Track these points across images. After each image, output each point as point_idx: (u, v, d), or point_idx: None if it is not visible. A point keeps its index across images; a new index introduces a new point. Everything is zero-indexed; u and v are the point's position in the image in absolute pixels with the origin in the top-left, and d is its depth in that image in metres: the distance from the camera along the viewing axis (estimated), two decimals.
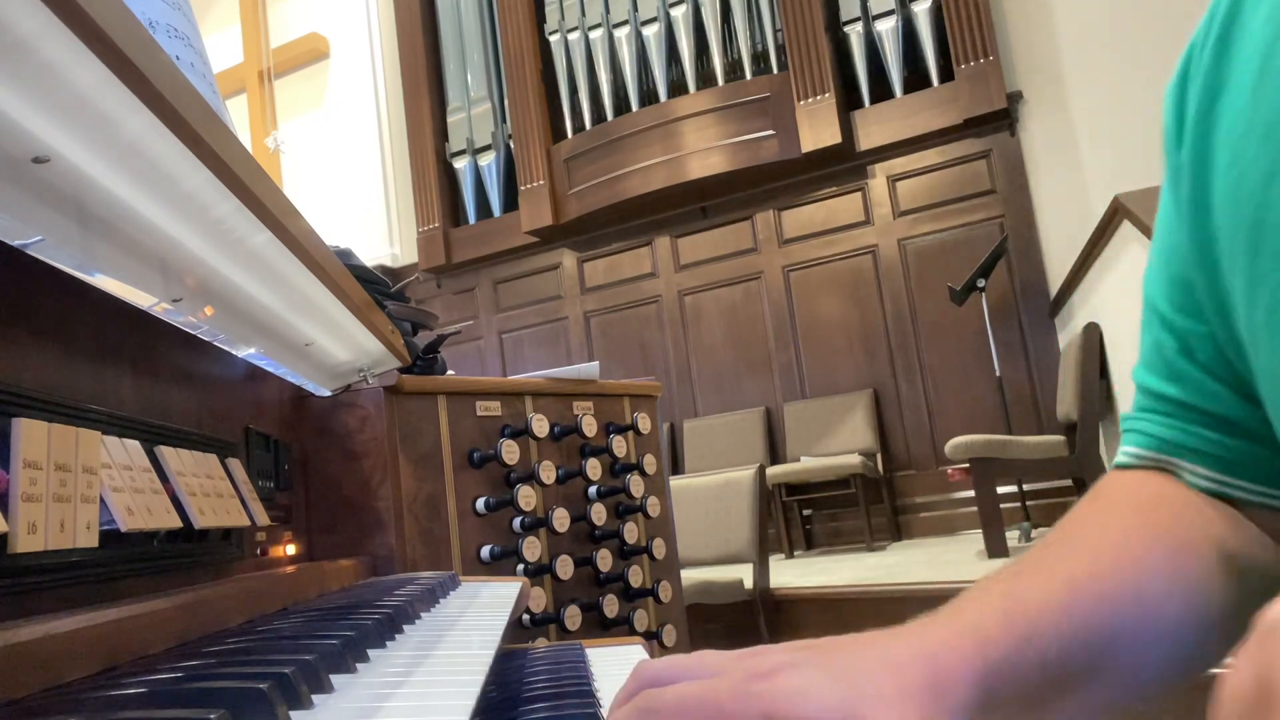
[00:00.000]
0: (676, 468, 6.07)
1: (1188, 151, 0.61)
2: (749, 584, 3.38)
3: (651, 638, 1.63)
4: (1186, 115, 0.63)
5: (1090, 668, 0.51)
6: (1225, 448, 0.64)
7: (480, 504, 1.42)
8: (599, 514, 1.59)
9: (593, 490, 1.60)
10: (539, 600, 1.46)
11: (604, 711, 0.57)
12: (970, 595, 0.51)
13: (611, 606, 1.58)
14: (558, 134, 6.68)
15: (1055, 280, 5.34)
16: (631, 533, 1.65)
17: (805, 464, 5.47)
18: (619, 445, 1.66)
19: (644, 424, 1.73)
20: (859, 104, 5.87)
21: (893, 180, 5.90)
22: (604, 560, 1.57)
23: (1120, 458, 0.69)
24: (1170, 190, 0.65)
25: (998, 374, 5.18)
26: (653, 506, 1.69)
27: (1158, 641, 0.54)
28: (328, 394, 1.27)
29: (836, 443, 5.69)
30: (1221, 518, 0.62)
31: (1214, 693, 0.33)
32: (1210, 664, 0.56)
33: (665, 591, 1.68)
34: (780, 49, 6.02)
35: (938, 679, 0.45)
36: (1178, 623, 0.55)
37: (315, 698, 0.43)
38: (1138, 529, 0.60)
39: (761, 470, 3.46)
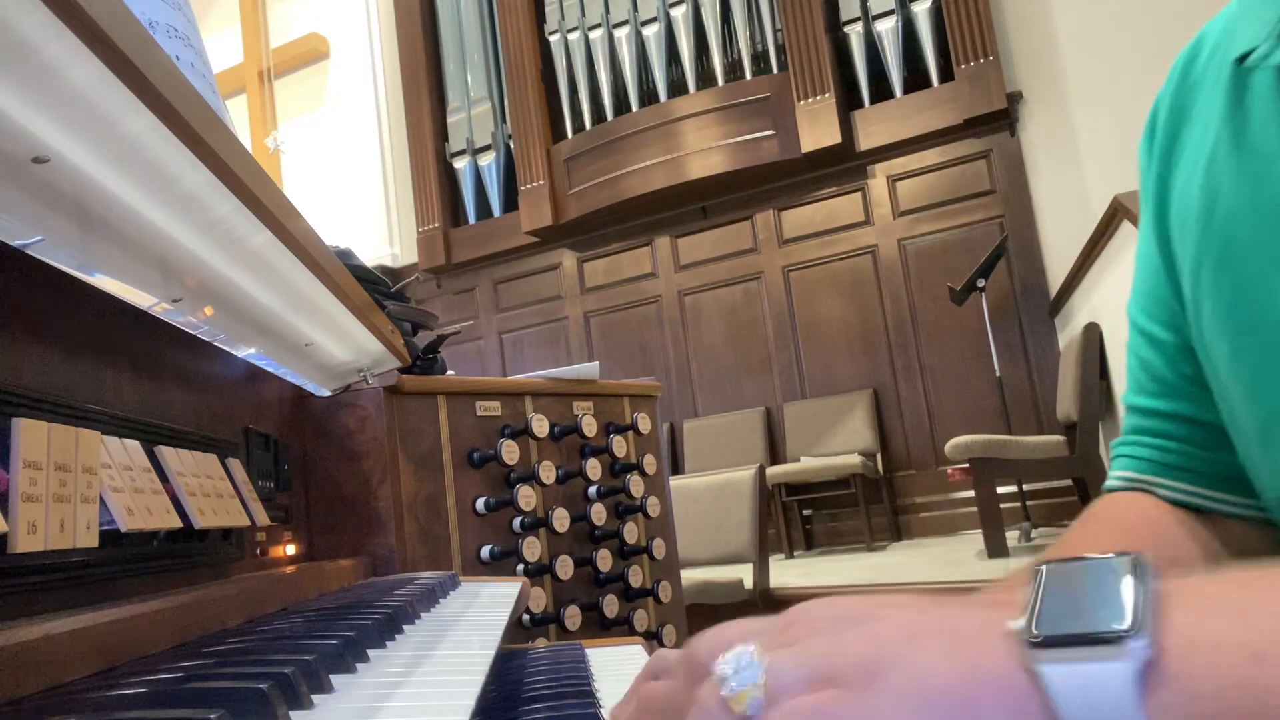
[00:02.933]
0: (676, 468, 6.07)
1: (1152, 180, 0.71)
2: (749, 584, 3.38)
3: (651, 638, 1.63)
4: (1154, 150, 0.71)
5: None
6: (1210, 463, 0.69)
7: (480, 504, 1.42)
8: (599, 514, 1.59)
9: (593, 490, 1.60)
10: (539, 600, 1.46)
11: (604, 712, 0.57)
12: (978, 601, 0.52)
13: (611, 606, 1.58)
14: (558, 134, 6.68)
15: (1055, 280, 5.34)
16: (631, 533, 1.65)
17: (805, 464, 5.47)
18: (619, 445, 1.66)
19: (644, 424, 1.73)
20: (859, 104, 5.87)
21: (893, 180, 5.90)
22: (604, 560, 1.57)
23: (1109, 481, 0.76)
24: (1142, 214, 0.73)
25: (998, 374, 5.18)
26: (652, 506, 1.69)
27: None
28: (328, 394, 1.27)
29: (836, 443, 5.69)
30: (1198, 536, 0.68)
31: None
32: None
33: (665, 591, 1.68)
34: (780, 49, 6.02)
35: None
36: None
37: (315, 698, 0.43)
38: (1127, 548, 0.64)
39: (761, 470, 3.45)
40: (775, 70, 6.01)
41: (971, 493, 4.39)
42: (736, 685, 0.37)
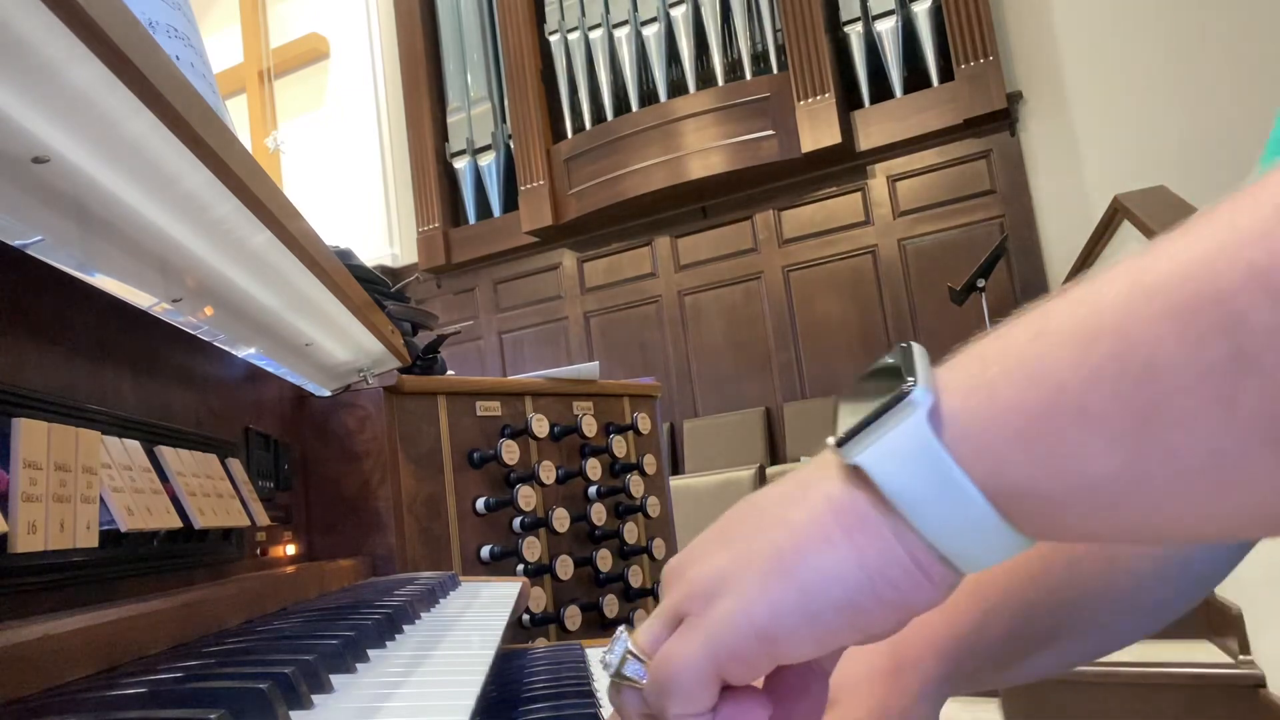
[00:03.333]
0: (676, 468, 6.07)
1: None
2: None
3: None
4: None
5: (1060, 628, 0.54)
6: None
7: (480, 504, 1.42)
8: (599, 514, 1.59)
9: (593, 490, 1.60)
10: (539, 600, 1.46)
11: (604, 712, 0.57)
12: None
13: (611, 606, 1.58)
14: (558, 134, 6.67)
15: (1055, 280, 5.34)
16: (631, 533, 1.65)
17: (805, 464, 5.47)
18: (619, 445, 1.66)
19: (644, 424, 1.73)
20: (859, 104, 5.87)
21: (893, 180, 5.90)
22: (604, 560, 1.57)
23: None
24: None
25: None
26: (653, 506, 1.69)
27: (1129, 599, 0.56)
28: (328, 394, 1.27)
29: None
30: None
31: None
32: (1180, 611, 0.58)
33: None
34: (780, 49, 6.02)
35: (900, 661, 0.48)
36: (1151, 577, 0.56)
37: (315, 698, 0.43)
38: None
39: (761, 470, 3.46)
40: (775, 70, 6.01)
41: None
42: (613, 661, 0.40)
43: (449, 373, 1.58)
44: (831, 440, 0.36)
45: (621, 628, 0.42)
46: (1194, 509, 0.30)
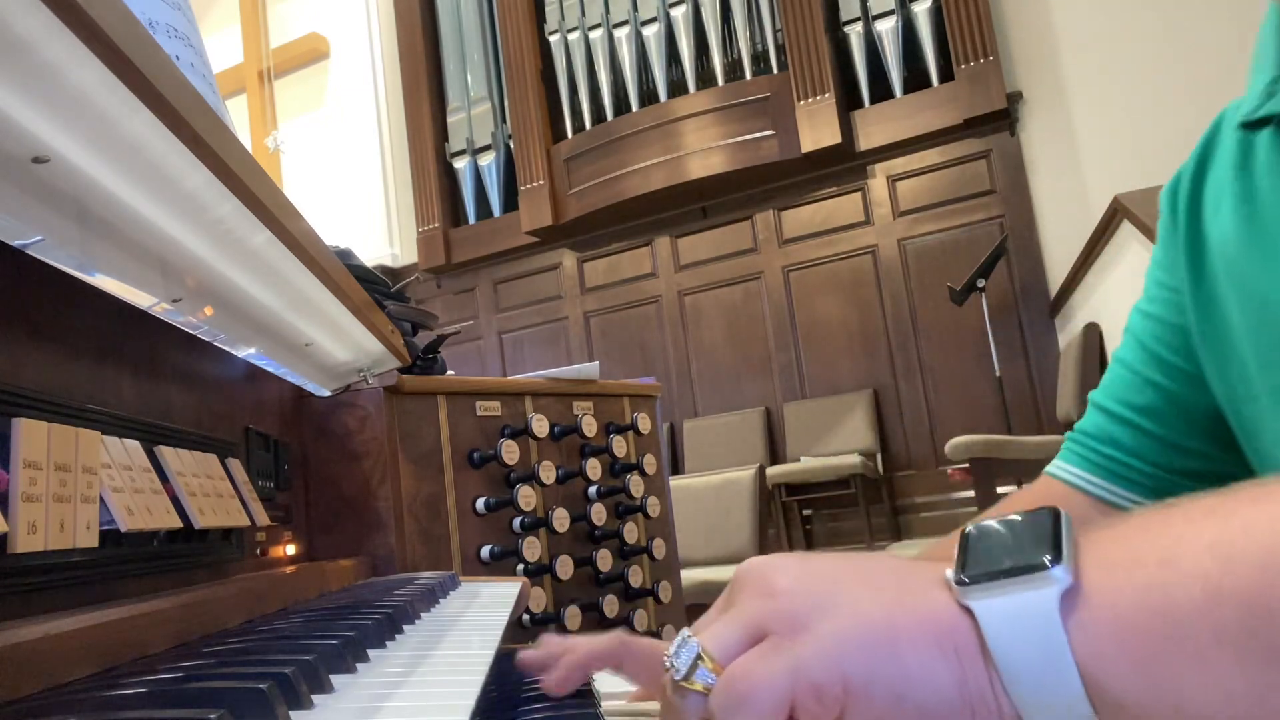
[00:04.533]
0: (676, 468, 6.07)
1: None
2: None
3: (652, 638, 1.63)
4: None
5: None
6: (1152, 477, 0.75)
7: (480, 504, 1.42)
8: (599, 514, 1.59)
9: (593, 490, 1.60)
10: (539, 600, 1.46)
11: (604, 712, 0.57)
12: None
13: (611, 606, 1.58)
14: (558, 134, 6.67)
15: (1055, 280, 5.34)
16: (631, 533, 1.65)
17: (805, 464, 5.47)
18: (619, 445, 1.66)
19: (644, 424, 1.73)
20: (859, 104, 5.87)
21: (893, 180, 5.90)
22: (604, 560, 1.56)
23: (1050, 467, 0.83)
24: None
25: (998, 374, 5.18)
26: (653, 506, 1.69)
27: None
28: (328, 394, 1.27)
29: (836, 443, 5.69)
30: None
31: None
32: None
33: (665, 591, 1.68)
34: (780, 49, 6.02)
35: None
36: None
37: (315, 698, 0.43)
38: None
39: (761, 470, 3.46)
40: (775, 70, 6.01)
41: (972, 493, 4.39)
42: (682, 666, 0.39)
43: (449, 373, 1.58)
44: (951, 574, 0.37)
45: (686, 630, 0.41)
46: None
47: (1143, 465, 0.76)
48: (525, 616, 1.41)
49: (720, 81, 6.10)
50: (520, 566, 1.44)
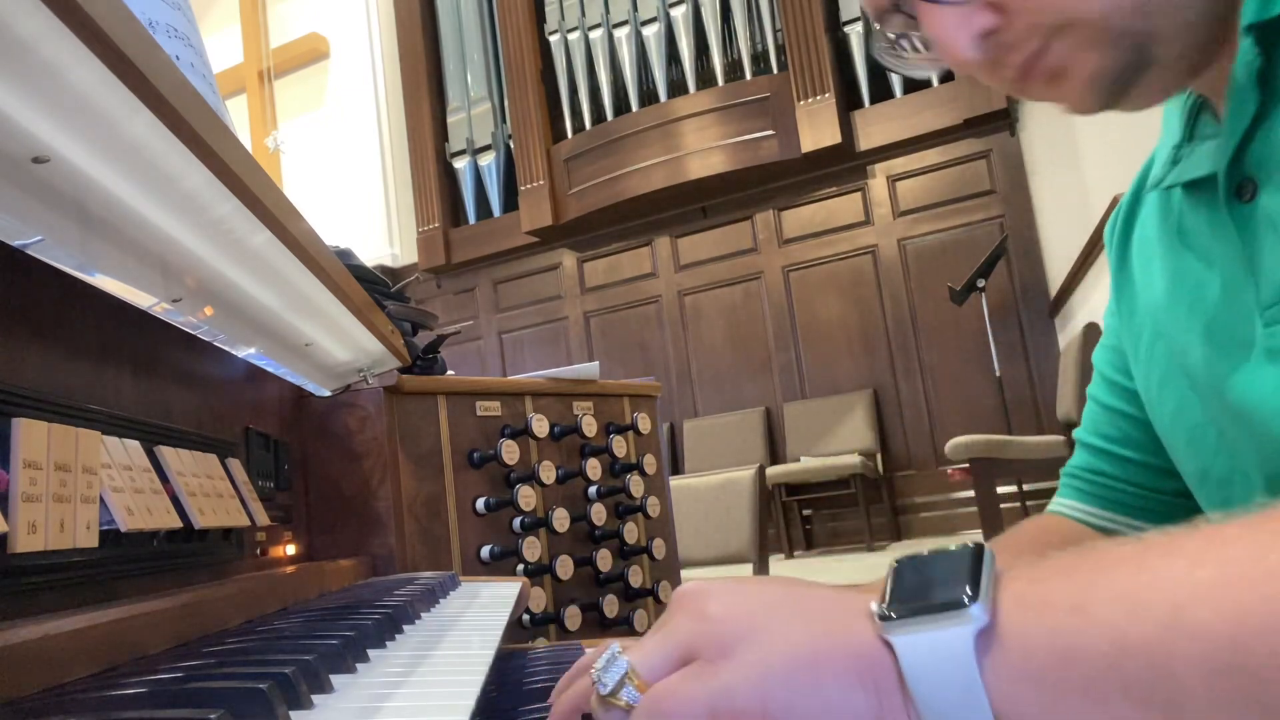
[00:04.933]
0: (676, 468, 6.07)
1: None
2: None
3: None
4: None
5: None
6: (1148, 499, 0.78)
7: (480, 504, 1.42)
8: (599, 514, 1.59)
9: (593, 490, 1.60)
10: (539, 600, 1.46)
11: None
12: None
13: (611, 606, 1.58)
14: (558, 134, 6.67)
15: (1055, 280, 5.34)
16: (631, 533, 1.65)
17: (805, 464, 5.47)
18: (619, 445, 1.66)
19: (644, 424, 1.73)
20: (859, 104, 5.87)
21: (893, 180, 5.90)
22: (604, 560, 1.56)
23: (1051, 505, 0.87)
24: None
25: (998, 374, 5.18)
26: (653, 506, 1.69)
27: None
28: (328, 394, 1.27)
29: (836, 443, 5.69)
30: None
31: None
32: None
33: (665, 592, 1.68)
34: (780, 49, 6.02)
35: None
36: None
37: (315, 698, 0.43)
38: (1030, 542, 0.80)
39: (761, 470, 3.45)
40: (775, 70, 6.01)
41: (972, 493, 4.39)
42: (609, 682, 0.40)
43: (449, 373, 1.58)
44: (876, 607, 0.38)
45: (614, 645, 0.42)
46: None
47: (1135, 490, 0.78)
48: (525, 616, 1.41)
49: (720, 81, 6.10)
50: (520, 566, 1.44)
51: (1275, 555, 0.31)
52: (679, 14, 6.18)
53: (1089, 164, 5.36)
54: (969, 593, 0.36)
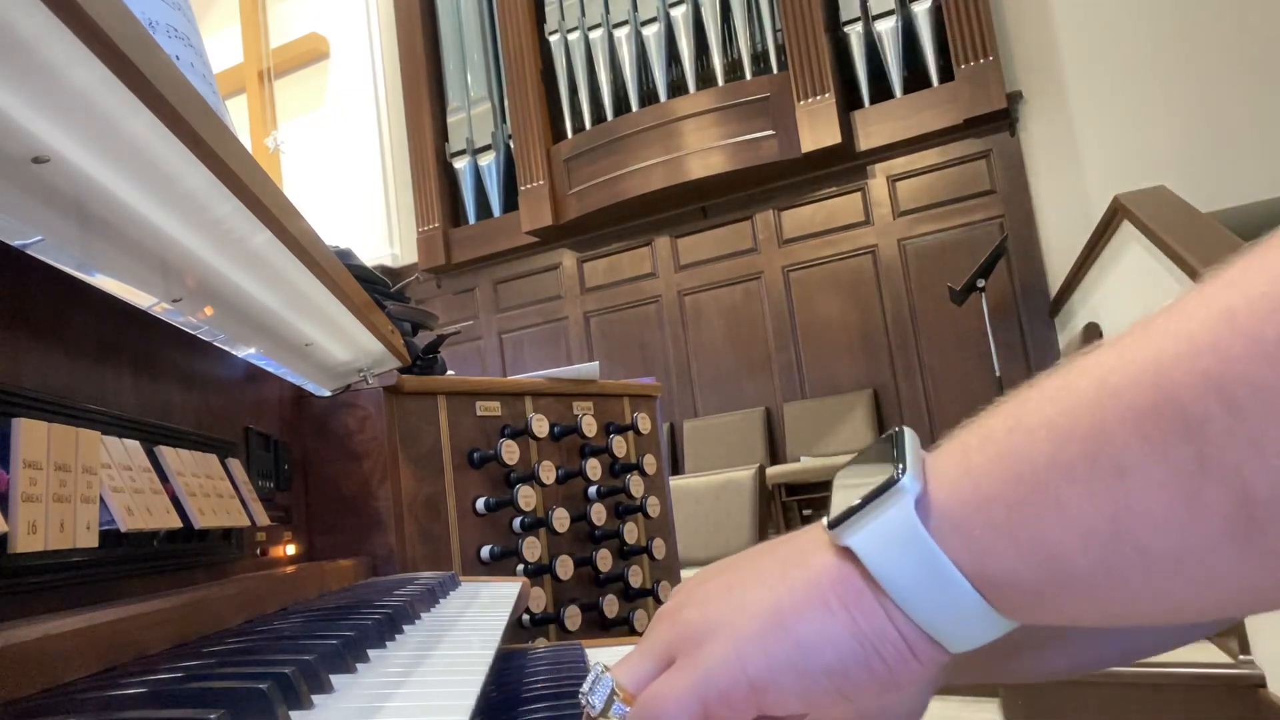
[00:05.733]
0: (676, 468, 6.07)
1: None
2: None
3: None
4: None
5: (1054, 638, 0.54)
6: None
7: (480, 504, 1.42)
8: (599, 514, 1.59)
9: (593, 490, 1.60)
10: (539, 600, 1.46)
11: None
12: None
13: (611, 606, 1.58)
14: (558, 134, 6.67)
15: (1055, 280, 5.34)
16: (631, 533, 1.65)
17: (805, 464, 5.47)
18: (619, 445, 1.66)
19: (644, 424, 1.73)
20: (859, 104, 5.87)
21: (893, 180, 5.90)
22: (604, 560, 1.56)
23: None
24: None
25: (998, 374, 5.18)
26: (653, 506, 1.69)
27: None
28: (328, 394, 1.27)
29: (836, 443, 5.69)
30: None
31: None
32: (1212, 630, 0.58)
33: (665, 591, 1.68)
34: (780, 49, 6.02)
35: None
36: None
37: (315, 698, 0.43)
38: None
39: (761, 470, 3.46)
40: (775, 70, 6.01)
41: None
42: (597, 703, 0.40)
43: (449, 373, 1.58)
44: (825, 521, 0.38)
45: (598, 665, 0.42)
46: (1168, 600, 0.31)
47: None
48: (525, 616, 1.41)
49: (720, 81, 6.10)
50: (520, 566, 1.44)
51: (1196, 319, 0.29)
52: (679, 14, 6.18)
53: (1089, 164, 5.36)
54: (899, 469, 0.36)
